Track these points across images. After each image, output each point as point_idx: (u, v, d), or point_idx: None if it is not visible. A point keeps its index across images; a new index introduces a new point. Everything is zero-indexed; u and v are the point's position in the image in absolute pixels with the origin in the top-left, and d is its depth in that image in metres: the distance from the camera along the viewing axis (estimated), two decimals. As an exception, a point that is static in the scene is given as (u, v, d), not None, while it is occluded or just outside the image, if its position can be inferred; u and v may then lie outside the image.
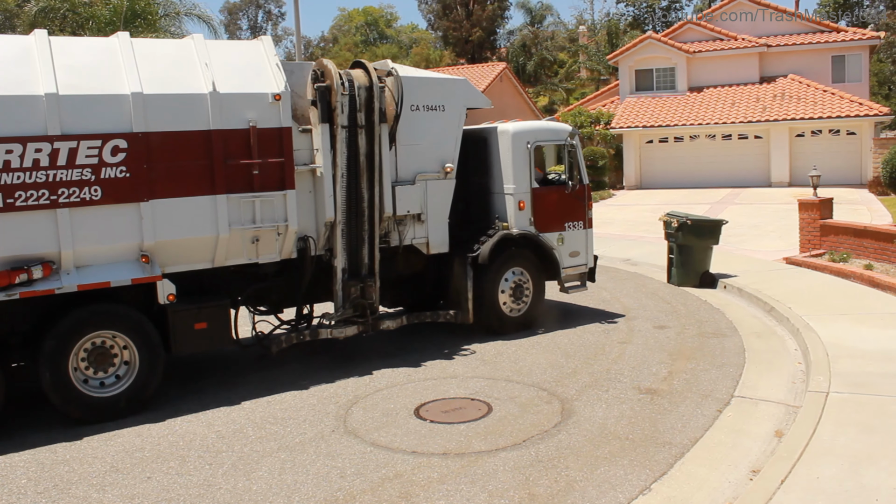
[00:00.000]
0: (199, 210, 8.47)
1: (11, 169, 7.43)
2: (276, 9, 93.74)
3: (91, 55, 8.25)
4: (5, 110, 7.42)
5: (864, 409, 7.04)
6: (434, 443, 6.99)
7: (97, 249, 7.97)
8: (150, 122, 8.09)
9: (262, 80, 8.93)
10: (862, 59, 35.38)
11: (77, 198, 7.76)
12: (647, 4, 66.16)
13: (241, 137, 8.64)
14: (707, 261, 14.16)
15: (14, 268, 7.48)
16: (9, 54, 7.80)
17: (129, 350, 8.21)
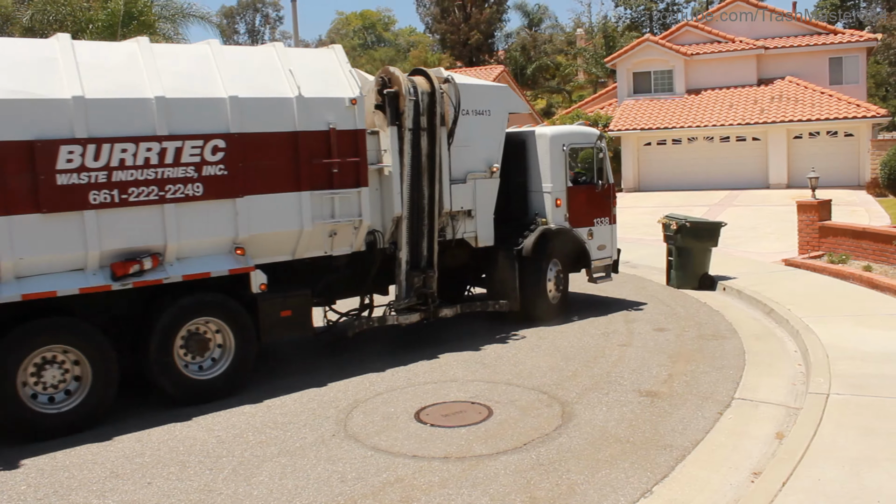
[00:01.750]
0: (286, 206, 9.14)
1: (126, 167, 7.98)
2: (274, 12, 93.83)
3: (188, 61, 8.85)
4: (121, 112, 7.99)
5: (864, 411, 7.04)
6: (435, 447, 6.98)
7: (197, 242, 8.57)
8: (244, 124, 8.72)
9: (338, 85, 9.64)
10: (859, 61, 35.43)
11: (182, 194, 8.35)
12: (645, 7, 66.29)
13: (323, 139, 9.33)
14: (706, 263, 14.16)
15: (128, 259, 8.03)
16: (117, 60, 8.34)
17: (223, 336, 8.83)
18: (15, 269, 7.49)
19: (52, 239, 7.65)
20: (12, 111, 7.39)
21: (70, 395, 7.85)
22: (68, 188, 7.66)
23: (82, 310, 8.04)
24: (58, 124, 7.63)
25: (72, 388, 7.87)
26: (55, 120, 7.62)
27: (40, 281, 7.64)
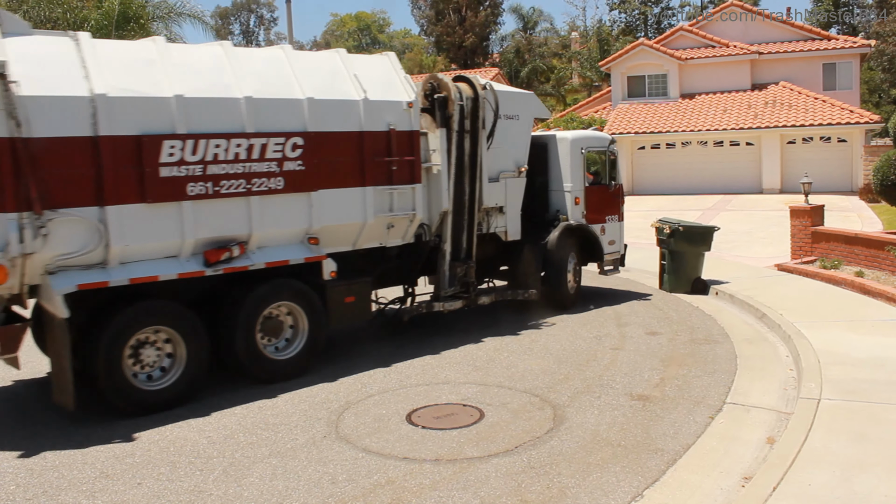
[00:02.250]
0: (352, 199, 9.92)
1: (218, 161, 8.63)
2: (269, 14, 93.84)
3: (265, 64, 9.54)
4: (215, 110, 8.64)
5: (855, 416, 7.05)
6: (426, 449, 6.97)
7: (276, 232, 9.27)
8: (319, 123, 9.48)
9: (395, 89, 10.51)
10: (853, 67, 35.61)
11: (265, 187, 9.04)
12: (640, 11, 66.40)
13: (384, 138, 10.16)
14: (699, 267, 14.19)
15: (218, 247, 8.66)
16: (205, 62, 8.97)
17: (294, 319, 9.56)
18: (121, 256, 8.07)
19: (154, 227, 8.26)
20: (123, 108, 7.95)
21: (165, 372, 8.45)
22: (169, 180, 8.28)
23: (169, 294, 8.61)
24: (161, 121, 8.24)
25: (166, 366, 8.48)
26: (158, 116, 8.22)
27: (142, 266, 8.25)
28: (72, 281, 7.76)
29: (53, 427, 7.86)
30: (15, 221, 7.36)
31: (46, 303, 7.91)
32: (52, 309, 7.71)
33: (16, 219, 7.37)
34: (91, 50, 8.14)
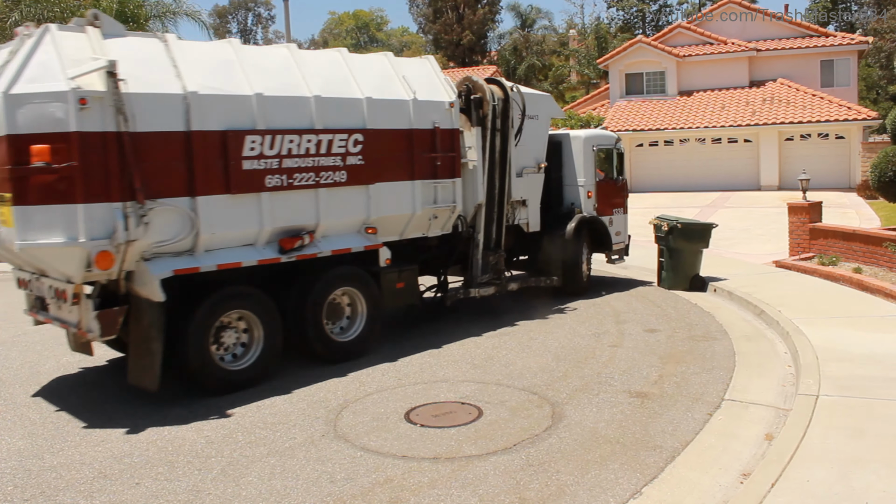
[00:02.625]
0: (403, 192, 10.69)
1: (292, 155, 9.29)
2: (266, 12, 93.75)
3: (327, 65, 10.21)
4: (289, 108, 9.31)
5: (853, 413, 7.05)
6: (424, 447, 6.97)
7: (339, 222, 9.95)
8: (375, 121, 10.20)
9: (437, 90, 11.32)
10: (850, 64, 35.61)
11: (331, 180, 9.73)
12: (637, 9, 66.37)
13: (429, 136, 10.95)
14: (697, 264, 14.19)
15: (292, 235, 9.34)
16: (276, 62, 9.59)
17: (353, 303, 10.28)
18: (207, 243, 8.64)
19: (236, 217, 8.86)
20: (211, 105, 8.56)
21: (244, 353, 9.07)
22: (250, 173, 8.91)
23: (244, 281, 9.15)
24: (243, 117, 8.87)
25: (243, 348, 9.09)
26: (241, 113, 8.86)
27: (225, 254, 8.84)
28: (168, 267, 8.29)
29: (50, 427, 7.85)
30: (120, 210, 7.87)
31: (140, 288, 8.27)
32: (147, 294, 8.17)
33: (121, 208, 7.88)
34: (178, 50, 8.70)
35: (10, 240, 7.94)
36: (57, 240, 7.72)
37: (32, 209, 7.71)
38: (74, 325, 8.43)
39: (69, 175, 7.64)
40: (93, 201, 7.75)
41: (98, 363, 10.37)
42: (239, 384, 8.85)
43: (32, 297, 9.28)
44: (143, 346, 8.29)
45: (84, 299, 8.18)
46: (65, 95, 7.59)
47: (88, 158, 7.69)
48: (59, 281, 8.35)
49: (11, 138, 7.62)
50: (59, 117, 7.60)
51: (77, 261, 7.83)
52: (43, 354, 10.98)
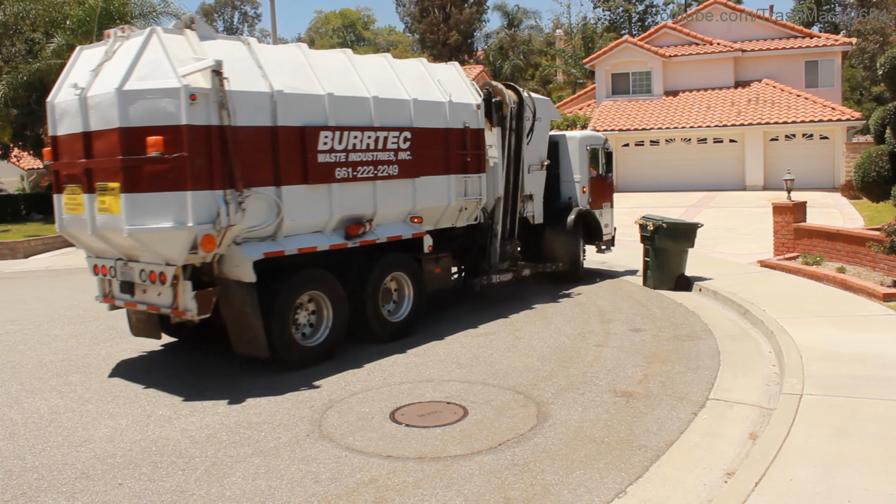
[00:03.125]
0: (441, 185, 11.73)
1: (356, 150, 10.22)
2: (252, 10, 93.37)
3: (377, 68, 11.14)
4: (353, 107, 10.23)
5: (836, 412, 7.09)
6: (409, 447, 6.95)
7: (390, 212, 10.88)
8: (420, 120, 11.22)
9: (465, 93, 12.40)
10: (834, 65, 35.84)
11: (386, 173, 10.68)
12: (624, 9, 66.54)
13: (461, 135, 12.06)
14: (682, 264, 14.23)
15: (355, 223, 10.25)
16: (337, 66, 10.48)
17: (399, 287, 11.27)
18: (287, 230, 9.45)
19: (311, 205, 9.70)
20: (293, 103, 9.41)
21: (314, 332, 9.89)
22: (323, 165, 9.79)
23: (314, 264, 9.87)
24: (317, 115, 9.75)
25: (312, 327, 9.91)
26: (316, 111, 9.73)
27: (301, 239, 9.66)
28: (259, 250, 9.06)
29: (32, 428, 7.79)
30: (222, 197, 8.61)
31: (231, 270, 8.97)
32: (238, 275, 8.93)
33: (222, 195, 8.62)
34: (260, 52, 9.51)
35: (115, 226, 8.64)
36: (166, 224, 8.43)
37: (143, 196, 8.43)
38: (167, 306, 8.99)
39: (179, 165, 8.34)
40: (199, 189, 8.46)
41: (81, 364, 10.30)
42: (311, 360, 9.64)
43: (114, 283, 9.77)
44: (241, 321, 9.08)
45: (182, 281, 8.78)
46: (177, 92, 8.29)
47: (196, 150, 8.40)
48: (154, 264, 8.92)
49: (124, 131, 8.34)
50: (171, 111, 8.31)
51: (183, 244, 8.51)
52: (25, 354, 10.91)
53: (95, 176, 8.83)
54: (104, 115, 8.58)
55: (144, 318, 10.13)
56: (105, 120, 8.57)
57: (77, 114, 8.90)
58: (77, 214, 9.24)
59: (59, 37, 28.69)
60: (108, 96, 8.49)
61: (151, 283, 9.03)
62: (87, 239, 9.45)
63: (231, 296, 9.02)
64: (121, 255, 9.36)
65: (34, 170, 40.86)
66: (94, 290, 10.48)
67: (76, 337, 11.92)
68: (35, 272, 21.28)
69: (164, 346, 11.04)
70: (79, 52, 9.68)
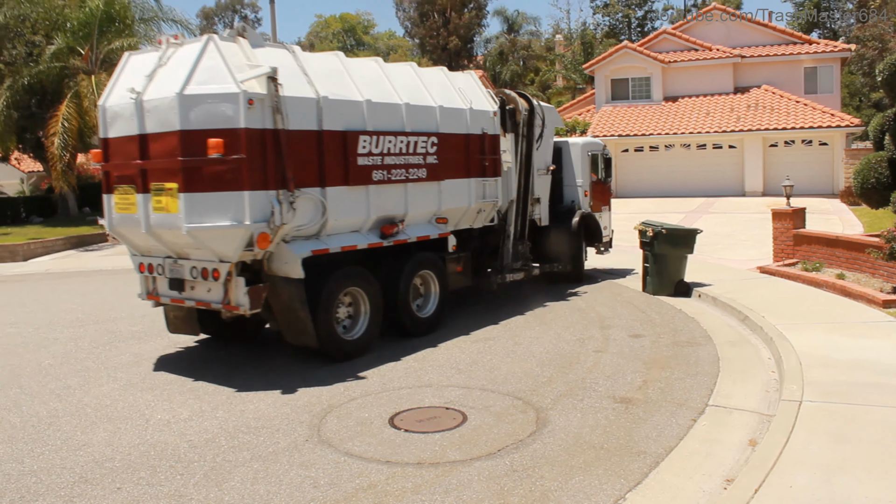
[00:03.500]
0: (462, 188, 12.27)
1: (390, 153, 10.74)
2: (253, 14, 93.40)
3: (405, 76, 11.66)
4: (388, 113, 10.73)
5: (836, 418, 7.08)
6: (408, 452, 6.94)
7: (419, 213, 11.41)
8: (444, 126, 11.78)
9: (482, 101, 12.98)
10: (833, 71, 35.91)
11: (416, 176, 11.21)
12: (623, 14, 66.64)
13: (479, 140, 12.60)
14: (682, 270, 14.23)
15: (389, 223, 10.77)
16: (371, 74, 11.02)
17: (425, 284, 11.75)
18: (330, 229, 9.94)
19: (351, 206, 10.18)
20: (336, 108, 9.87)
21: (352, 325, 10.39)
22: (362, 168, 10.29)
23: (351, 262, 10.37)
24: (357, 120, 10.24)
25: (350, 320, 10.39)
26: (355, 116, 10.22)
27: (341, 238, 10.14)
28: (307, 248, 9.54)
29: (31, 431, 7.78)
30: (275, 197, 9.05)
31: (280, 266, 9.41)
32: (287, 272, 9.38)
33: (276, 195, 9.05)
34: (303, 60, 9.97)
35: (172, 224, 9.05)
36: (224, 223, 8.85)
37: (201, 196, 8.86)
38: (218, 301, 9.37)
39: (237, 166, 8.77)
40: (255, 189, 8.91)
41: (80, 368, 10.29)
42: (353, 353, 10.12)
43: (158, 281, 10.11)
44: (289, 315, 9.56)
45: (235, 277, 9.17)
46: (236, 97, 8.71)
47: (253, 152, 8.83)
48: (206, 261, 9.28)
49: (185, 133, 8.77)
50: (230, 115, 8.73)
51: (240, 241, 8.96)
52: (24, 357, 10.90)
53: (151, 176, 9.23)
54: (162, 118, 8.98)
55: (183, 315, 10.62)
56: (163, 123, 8.98)
57: (132, 117, 9.30)
58: (129, 214, 9.60)
59: (59, 40, 28.72)
60: (166, 100, 8.90)
61: (203, 279, 9.36)
62: (136, 237, 9.81)
63: (279, 291, 9.46)
64: (171, 252, 9.69)
65: (34, 173, 40.85)
66: (92, 294, 10.53)
67: (75, 341, 11.91)
68: (34, 275, 21.27)
69: (163, 351, 11.03)
70: (127, 57, 10.08)
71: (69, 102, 27.09)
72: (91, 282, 18.78)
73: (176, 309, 10.56)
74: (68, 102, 27.17)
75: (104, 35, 28.71)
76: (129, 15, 29.63)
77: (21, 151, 35.97)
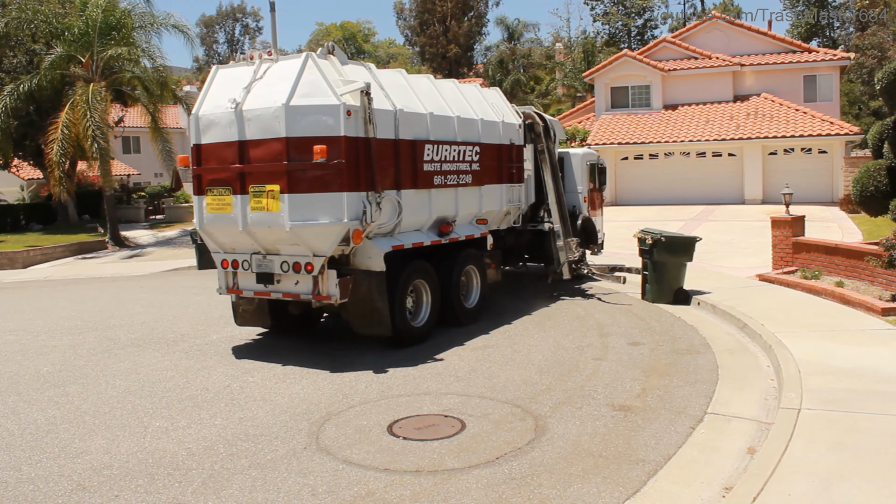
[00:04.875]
0: (496, 193, 13.70)
1: (446, 160, 12.02)
2: (254, 23, 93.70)
3: (450, 91, 13.00)
4: (444, 124, 12.01)
5: (835, 426, 7.08)
6: (407, 460, 6.93)
7: (465, 215, 12.72)
8: (484, 137, 13.14)
9: (509, 114, 14.47)
10: (833, 80, 35.94)
11: (463, 181, 12.55)
12: (623, 23, 66.77)
13: (508, 150, 14.07)
14: (681, 277, 14.23)
15: (445, 223, 12.04)
16: (425, 88, 12.27)
17: (468, 279, 12.89)
18: (401, 227, 11.14)
19: (417, 207, 11.43)
20: (408, 120, 11.10)
21: (415, 314, 11.45)
22: (427, 173, 11.60)
23: (415, 258, 11.38)
24: (422, 130, 11.50)
25: (413, 310, 11.43)
26: (421, 127, 11.47)
27: (409, 236, 11.38)
28: (388, 244, 10.73)
29: (29, 439, 7.77)
30: (366, 198, 10.19)
31: (363, 261, 10.52)
32: (369, 265, 10.50)
33: (366, 196, 10.19)
34: (379, 75, 11.17)
35: (273, 222, 9.99)
36: (325, 220, 9.90)
37: (304, 196, 9.88)
38: (307, 293, 10.36)
39: (338, 170, 9.83)
40: (351, 190, 9.98)
41: (79, 375, 10.28)
42: (419, 339, 11.26)
43: (240, 275, 10.90)
44: (366, 305, 10.52)
45: (327, 269, 10.17)
46: (337, 108, 9.80)
47: (350, 157, 9.91)
48: (299, 256, 10.23)
49: (290, 140, 9.80)
50: (332, 124, 9.81)
51: (336, 237, 9.99)
52: (23, 365, 10.89)
53: (250, 179, 10.15)
54: (265, 126, 9.97)
55: (252, 308, 11.64)
56: (265, 130, 9.98)
57: (230, 125, 10.24)
58: (225, 213, 10.46)
59: (59, 47, 28.75)
60: (270, 110, 9.91)
61: (295, 272, 10.32)
62: (225, 235, 10.67)
63: (359, 283, 10.43)
64: (260, 249, 10.54)
65: (34, 180, 40.85)
66: (91, 302, 10.56)
67: (74, 348, 11.90)
68: (34, 282, 21.26)
69: (161, 359, 11.03)
70: (216, 70, 11.05)
71: (72, 109, 27.12)
72: (90, 289, 18.78)
73: (247, 302, 11.59)
74: (68, 109, 27.20)
75: (104, 43, 28.74)
76: (127, 23, 29.65)
77: (21, 159, 35.99)
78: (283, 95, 9.87)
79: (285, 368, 10.17)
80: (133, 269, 23.61)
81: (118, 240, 30.32)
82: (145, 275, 21.96)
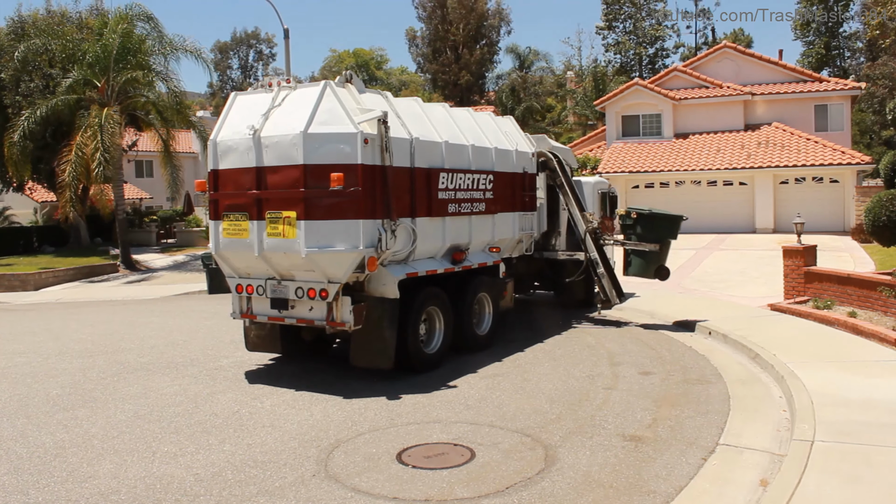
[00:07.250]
0: (509, 221, 13.79)
1: (460, 189, 12.07)
2: (268, 49, 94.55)
3: (464, 120, 12.99)
4: (458, 153, 12.08)
5: (848, 458, 6.99)
6: (416, 489, 6.88)
7: (477, 242, 12.67)
8: (497, 165, 13.18)
9: (523, 143, 14.67)
10: (844, 109, 35.94)
11: (477, 209, 12.56)
12: (634, 52, 67.09)
13: (521, 178, 14.16)
14: (663, 255, 14.54)
15: (458, 251, 12.08)
16: (440, 117, 12.30)
17: (481, 306, 12.86)
18: (415, 255, 11.13)
19: (431, 235, 11.43)
20: (423, 148, 11.16)
21: (428, 341, 11.39)
22: (441, 201, 11.63)
23: (428, 285, 11.33)
24: (437, 159, 11.53)
25: (426, 337, 11.35)
26: (436, 155, 11.51)
27: (423, 263, 11.33)
28: (402, 271, 10.73)
29: (37, 462, 7.76)
30: (381, 225, 10.24)
31: (377, 287, 10.49)
32: (383, 292, 10.44)
33: (381, 224, 10.23)
34: (395, 104, 11.23)
35: (288, 248, 10.03)
36: (341, 247, 9.96)
37: (320, 223, 9.93)
38: (321, 319, 10.34)
39: (355, 197, 9.90)
40: (367, 218, 10.06)
41: (88, 398, 10.28)
42: (431, 365, 11.18)
43: (255, 301, 10.95)
44: (374, 334, 10.35)
45: (341, 296, 10.17)
46: (354, 136, 9.90)
47: (367, 185, 9.97)
48: (314, 282, 10.23)
49: (308, 167, 9.85)
50: (349, 152, 9.89)
51: (352, 264, 10.05)
52: (32, 387, 10.90)
53: (267, 205, 10.20)
54: (282, 153, 10.03)
55: (264, 333, 11.57)
56: (283, 157, 10.03)
57: (247, 151, 10.31)
58: (240, 238, 10.48)
59: (75, 72, 29.06)
60: (288, 137, 9.97)
61: (310, 298, 10.30)
62: (240, 260, 10.72)
63: (371, 310, 10.33)
64: (275, 274, 10.55)
65: (47, 202, 41.13)
66: (101, 325, 10.57)
67: (84, 371, 11.91)
68: (45, 304, 21.34)
69: (171, 383, 11.02)
70: (234, 97, 11.10)
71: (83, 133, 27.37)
72: (101, 312, 18.82)
73: (259, 328, 11.53)
74: (83, 132, 27.45)
75: (119, 68, 29.05)
76: (144, 49, 29.98)
77: (35, 181, 36.27)
78: (301, 123, 9.93)
79: (294, 394, 10.15)
80: (144, 292, 23.68)
81: (129, 263, 30.43)
82: (156, 298, 22.01)
